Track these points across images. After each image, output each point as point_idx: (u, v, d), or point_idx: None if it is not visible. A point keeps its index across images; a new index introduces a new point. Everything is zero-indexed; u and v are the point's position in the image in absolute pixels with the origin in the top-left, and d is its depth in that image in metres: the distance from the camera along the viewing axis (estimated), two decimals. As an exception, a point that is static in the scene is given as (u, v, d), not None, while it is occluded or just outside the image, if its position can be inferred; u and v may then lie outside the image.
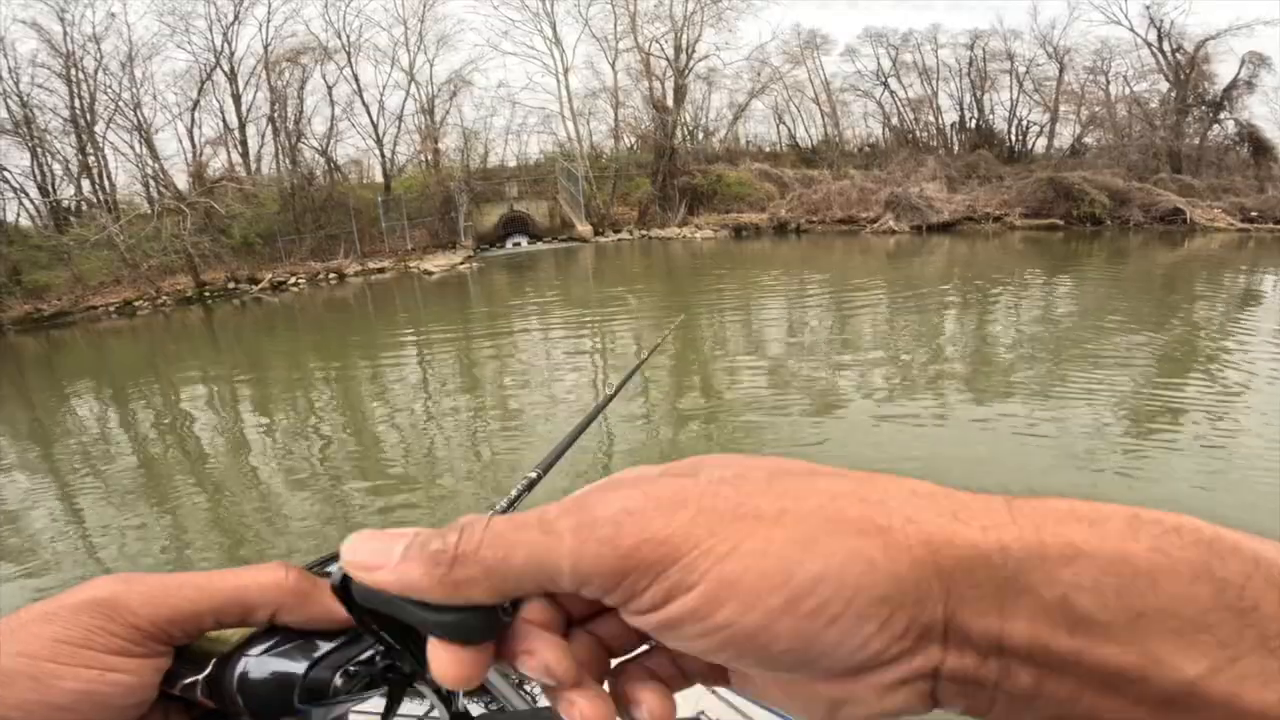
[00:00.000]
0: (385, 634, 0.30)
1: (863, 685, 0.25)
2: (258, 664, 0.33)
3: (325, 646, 0.34)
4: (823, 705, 0.26)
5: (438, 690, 0.35)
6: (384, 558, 0.26)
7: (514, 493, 0.51)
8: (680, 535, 0.24)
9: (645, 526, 0.24)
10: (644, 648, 0.30)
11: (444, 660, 0.27)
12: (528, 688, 1.16)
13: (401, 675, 0.34)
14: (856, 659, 0.24)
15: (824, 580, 0.23)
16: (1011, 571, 0.23)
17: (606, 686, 0.29)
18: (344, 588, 0.28)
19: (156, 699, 0.34)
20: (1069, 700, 0.23)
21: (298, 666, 0.33)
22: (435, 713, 0.37)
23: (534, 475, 0.54)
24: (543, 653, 0.27)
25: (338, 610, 0.32)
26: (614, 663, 0.30)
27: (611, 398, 0.91)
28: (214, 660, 0.33)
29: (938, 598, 0.23)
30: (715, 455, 0.28)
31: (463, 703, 0.36)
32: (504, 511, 0.47)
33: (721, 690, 1.66)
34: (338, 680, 0.33)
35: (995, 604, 0.23)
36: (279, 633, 0.34)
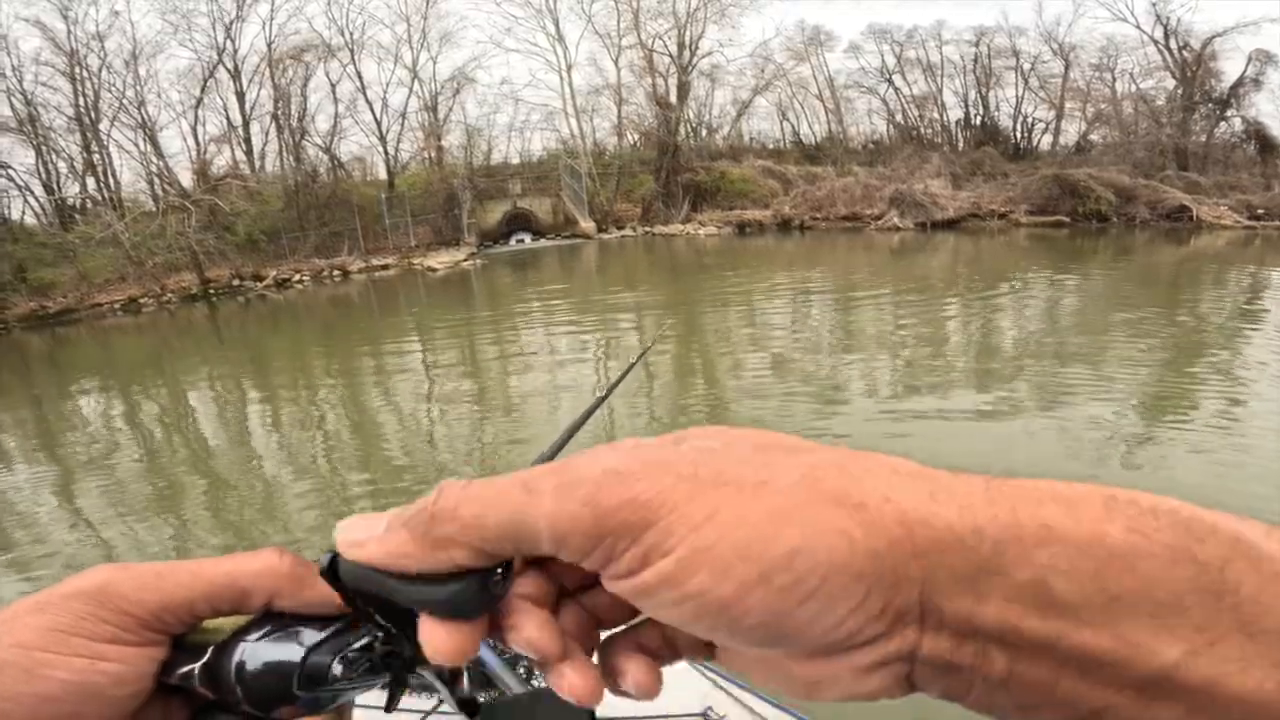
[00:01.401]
0: (378, 616, 0.30)
1: (839, 665, 0.24)
2: (254, 651, 0.33)
3: (323, 632, 0.33)
4: (800, 684, 0.26)
5: (440, 675, 0.34)
6: (369, 533, 0.27)
7: None
8: (659, 499, 0.24)
9: (625, 488, 0.24)
10: (633, 621, 0.30)
11: (434, 636, 0.27)
12: (536, 681, 1.16)
13: (402, 661, 0.33)
14: (831, 638, 0.24)
15: (800, 554, 0.23)
16: (986, 553, 0.23)
17: (596, 659, 0.29)
18: (331, 570, 0.29)
19: (156, 691, 0.33)
20: (1046, 684, 0.23)
21: (295, 653, 0.32)
22: (445, 705, 0.39)
23: None
24: (527, 628, 0.27)
25: (335, 596, 0.32)
26: (603, 636, 0.30)
27: (604, 398, 0.91)
28: (211, 648, 0.33)
29: (914, 579, 0.23)
30: (707, 427, 0.28)
31: (468, 688, 0.36)
32: None
33: (729, 686, 1.66)
34: (336, 667, 0.32)
35: (970, 586, 0.23)
36: (276, 619, 0.34)
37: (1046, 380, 7.43)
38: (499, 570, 0.27)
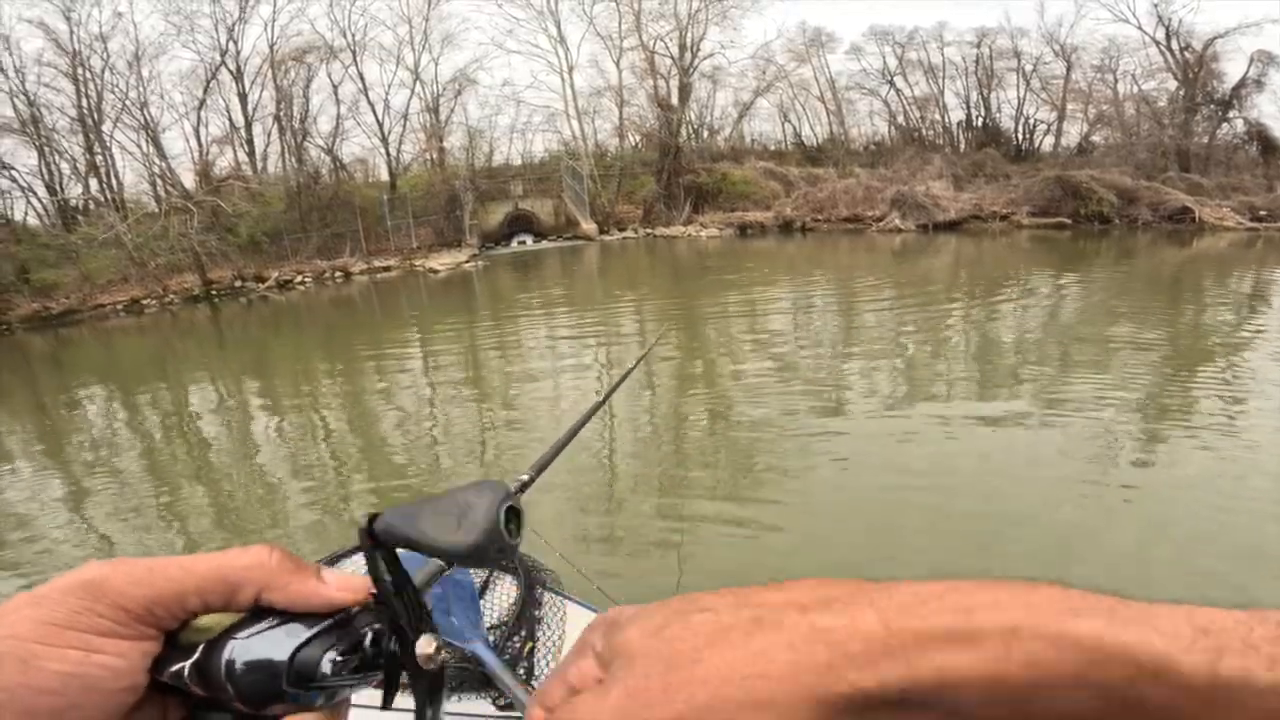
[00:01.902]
0: (387, 575, 0.32)
1: None
2: (244, 647, 0.33)
3: (313, 629, 0.33)
4: None
5: (417, 686, 0.35)
6: None
7: None
8: None
9: None
10: None
11: None
12: (535, 683, 1.16)
13: (392, 657, 0.34)
14: None
15: None
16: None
17: None
18: (369, 529, 0.32)
19: (153, 690, 0.34)
20: None
21: (284, 649, 0.33)
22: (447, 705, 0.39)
23: (526, 478, 0.55)
24: None
25: (325, 591, 0.33)
26: None
27: (605, 400, 0.92)
28: (201, 646, 0.33)
29: None
30: (621, 632, 0.30)
31: (455, 699, 0.38)
32: None
33: None
34: (326, 664, 0.33)
35: None
36: (267, 616, 0.34)
37: (1049, 381, 7.42)
38: (513, 523, 0.35)
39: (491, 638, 1.58)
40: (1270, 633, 0.22)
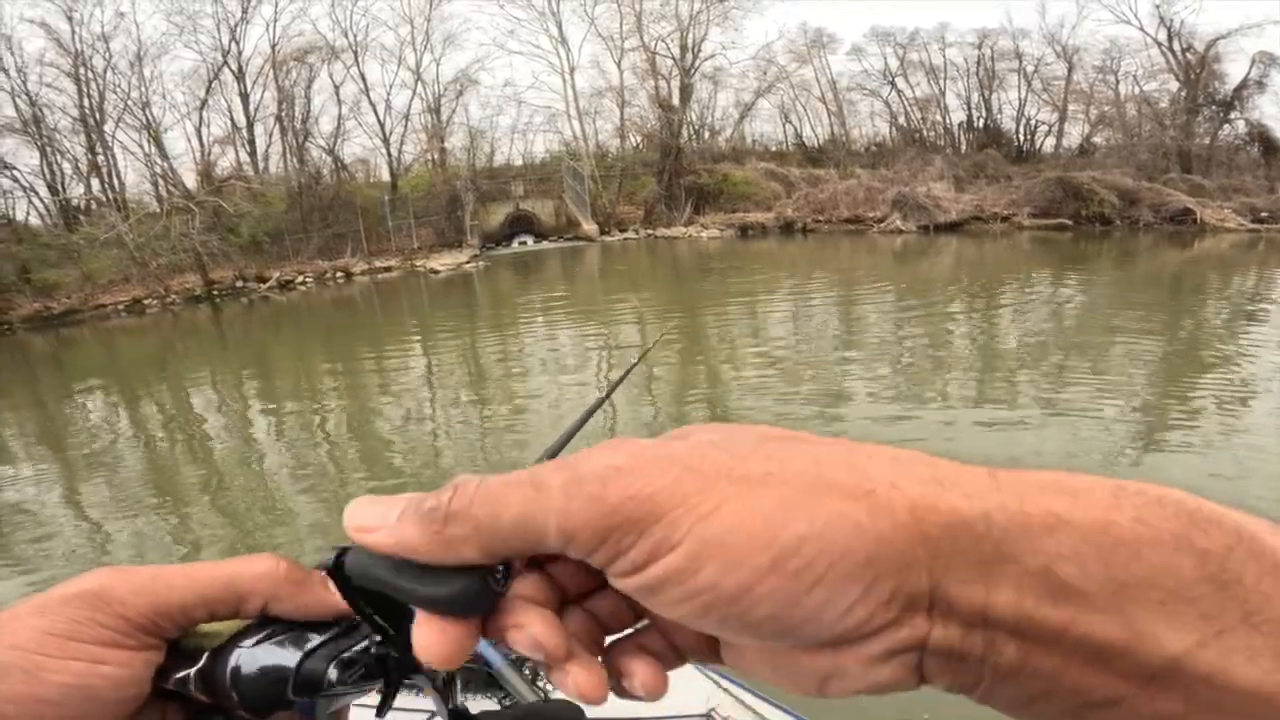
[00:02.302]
0: (376, 617, 0.30)
1: (849, 656, 0.24)
2: (250, 656, 0.33)
3: (319, 638, 0.33)
4: (810, 678, 0.25)
5: (433, 681, 0.34)
6: (381, 520, 0.26)
7: None
8: (665, 493, 0.24)
9: (631, 483, 0.24)
10: (638, 625, 0.30)
11: (427, 635, 0.26)
12: (541, 683, 1.15)
13: (397, 665, 0.33)
14: (841, 627, 0.23)
15: (808, 540, 0.22)
16: (995, 540, 0.22)
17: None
18: (337, 567, 0.28)
19: (153, 696, 0.33)
20: (1055, 674, 0.23)
21: (290, 658, 0.32)
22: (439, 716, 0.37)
23: None
24: (533, 626, 0.27)
25: (331, 600, 0.32)
26: (607, 641, 0.30)
27: (605, 398, 0.92)
28: (207, 654, 0.33)
29: (923, 565, 0.23)
30: (709, 423, 0.28)
31: (461, 700, 0.36)
32: None
33: (732, 687, 1.66)
34: (332, 672, 0.32)
35: (980, 573, 0.22)
36: (272, 624, 0.34)
37: (1051, 382, 7.41)
38: (500, 569, 0.27)
39: None
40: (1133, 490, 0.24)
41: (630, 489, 0.24)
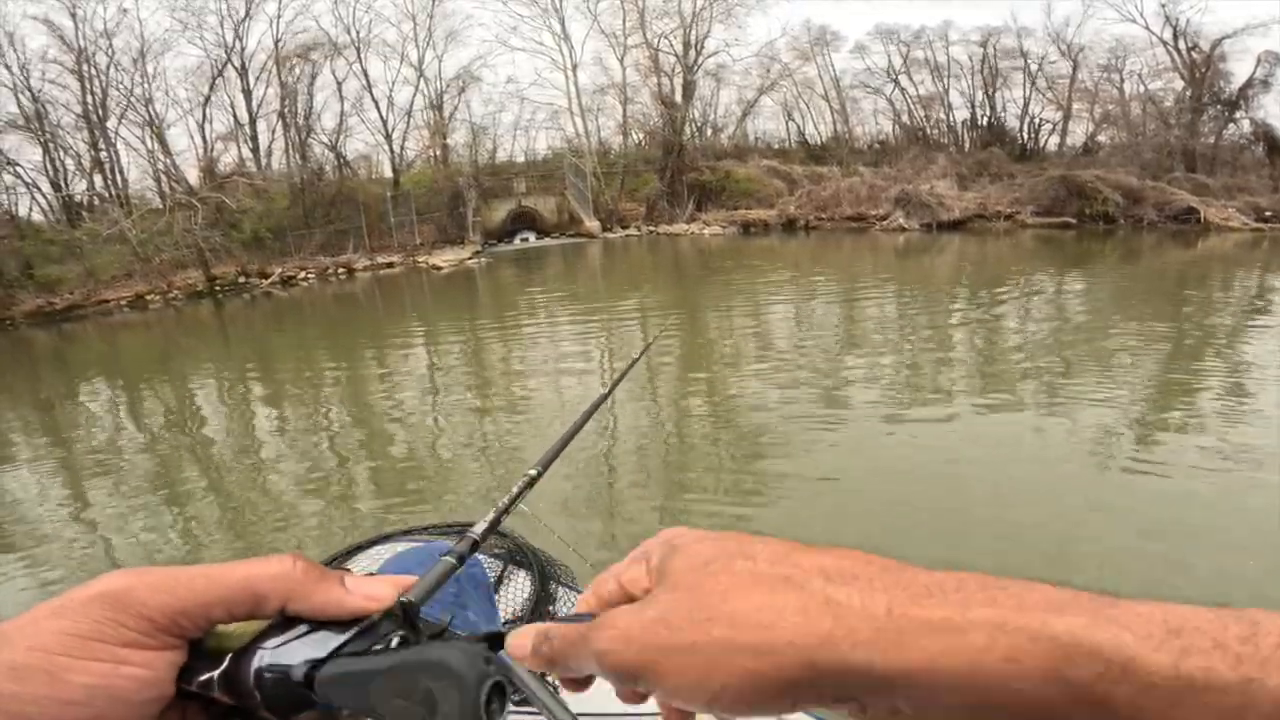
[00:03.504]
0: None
1: None
2: (273, 657, 0.33)
3: (340, 638, 0.33)
4: None
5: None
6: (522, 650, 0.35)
7: (515, 490, 0.52)
8: (636, 664, 0.30)
9: (618, 658, 0.31)
10: None
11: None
12: (550, 679, 1.15)
13: None
14: None
15: (721, 696, 0.28)
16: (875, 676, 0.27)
17: None
18: (308, 682, 0.31)
19: (174, 697, 0.33)
20: None
21: (313, 658, 0.33)
22: None
23: (533, 473, 0.55)
24: None
25: (350, 600, 0.33)
26: None
27: (607, 395, 0.92)
28: (229, 655, 0.33)
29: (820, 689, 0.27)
30: (675, 539, 0.34)
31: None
32: (506, 510, 0.49)
33: None
34: None
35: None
36: (295, 625, 0.34)
37: (1052, 382, 7.40)
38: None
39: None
40: (1243, 631, 0.22)
41: (618, 659, 0.31)
